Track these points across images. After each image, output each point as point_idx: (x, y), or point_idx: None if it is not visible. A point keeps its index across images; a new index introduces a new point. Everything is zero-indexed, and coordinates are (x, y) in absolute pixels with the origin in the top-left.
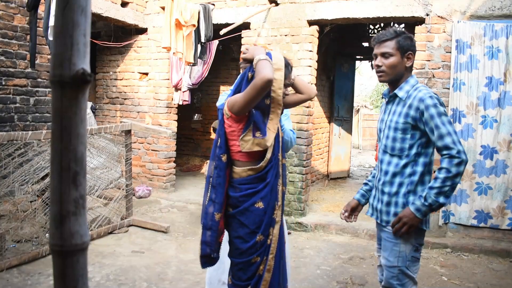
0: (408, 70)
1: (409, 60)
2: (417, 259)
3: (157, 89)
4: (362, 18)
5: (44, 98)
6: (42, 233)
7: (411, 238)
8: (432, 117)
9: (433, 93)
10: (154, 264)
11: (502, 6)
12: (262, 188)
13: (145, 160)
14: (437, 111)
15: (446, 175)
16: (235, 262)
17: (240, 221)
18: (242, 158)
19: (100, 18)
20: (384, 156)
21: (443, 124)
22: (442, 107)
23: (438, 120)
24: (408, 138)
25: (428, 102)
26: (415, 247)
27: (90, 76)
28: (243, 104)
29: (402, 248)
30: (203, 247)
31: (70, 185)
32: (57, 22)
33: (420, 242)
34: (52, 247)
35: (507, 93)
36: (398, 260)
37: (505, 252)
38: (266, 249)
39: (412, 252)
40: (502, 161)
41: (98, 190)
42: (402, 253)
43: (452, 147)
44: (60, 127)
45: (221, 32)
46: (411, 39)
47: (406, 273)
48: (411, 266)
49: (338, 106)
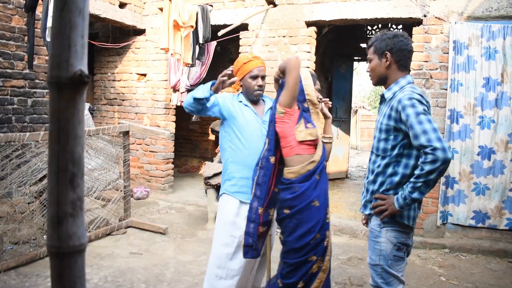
0: (394, 70)
1: (387, 60)
2: (400, 258)
3: (155, 90)
4: (359, 19)
5: (42, 99)
6: (40, 234)
7: (392, 234)
8: (408, 117)
9: (417, 93)
10: (152, 266)
11: (499, 7)
12: (315, 186)
13: (143, 161)
14: (414, 111)
15: (419, 172)
16: (290, 263)
17: (298, 220)
18: (301, 152)
19: (98, 19)
20: (372, 155)
21: (418, 123)
22: (421, 105)
23: (413, 119)
24: (391, 139)
25: (405, 103)
26: (397, 246)
27: (88, 78)
28: (289, 94)
29: (383, 246)
30: (247, 238)
31: (68, 187)
32: (54, 23)
33: (402, 241)
34: (49, 249)
35: (504, 93)
36: (380, 259)
37: (503, 252)
38: (322, 249)
39: (394, 251)
40: (499, 161)
41: (96, 191)
42: (383, 252)
43: (426, 145)
44: (58, 128)
45: (219, 33)
46: (390, 38)
47: (390, 272)
48: (394, 265)
49: (336, 107)
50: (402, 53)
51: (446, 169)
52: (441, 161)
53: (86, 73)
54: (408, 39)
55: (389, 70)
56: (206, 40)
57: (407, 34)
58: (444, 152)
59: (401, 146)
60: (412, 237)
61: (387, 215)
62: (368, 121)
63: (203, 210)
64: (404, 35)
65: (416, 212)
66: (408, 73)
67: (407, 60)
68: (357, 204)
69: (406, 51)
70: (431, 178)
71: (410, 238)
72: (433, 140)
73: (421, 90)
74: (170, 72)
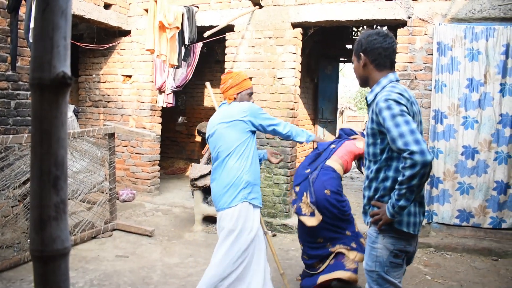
0: (372, 70)
1: (362, 61)
2: (397, 265)
3: (140, 92)
4: (345, 21)
5: (26, 101)
6: (24, 238)
7: (389, 241)
8: (384, 120)
9: (395, 93)
10: (138, 268)
11: (482, 9)
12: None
13: (129, 163)
14: (390, 113)
15: (401, 178)
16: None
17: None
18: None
19: (82, 20)
20: (366, 161)
21: (395, 126)
22: (398, 106)
23: (389, 122)
24: (379, 143)
25: (381, 105)
26: (394, 253)
27: (71, 79)
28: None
29: (379, 253)
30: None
31: (51, 190)
32: (37, 24)
33: (400, 248)
34: (32, 253)
35: (487, 94)
36: (376, 265)
37: (487, 251)
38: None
39: (391, 258)
40: (483, 161)
41: (81, 194)
42: (380, 258)
43: (403, 148)
44: (40, 130)
45: (205, 34)
46: (364, 38)
47: (386, 278)
48: (391, 271)
49: (322, 108)
50: (375, 51)
51: (428, 173)
52: (420, 164)
53: (69, 75)
54: (384, 36)
55: (366, 71)
56: (192, 41)
57: (388, 32)
58: (423, 155)
59: (389, 149)
60: (414, 243)
61: (382, 224)
62: (354, 122)
63: (189, 212)
64: (380, 32)
65: (418, 218)
66: (390, 72)
67: (383, 58)
68: None
69: (380, 49)
70: (413, 183)
71: (411, 245)
72: (410, 143)
73: (413, 93)
74: (156, 73)
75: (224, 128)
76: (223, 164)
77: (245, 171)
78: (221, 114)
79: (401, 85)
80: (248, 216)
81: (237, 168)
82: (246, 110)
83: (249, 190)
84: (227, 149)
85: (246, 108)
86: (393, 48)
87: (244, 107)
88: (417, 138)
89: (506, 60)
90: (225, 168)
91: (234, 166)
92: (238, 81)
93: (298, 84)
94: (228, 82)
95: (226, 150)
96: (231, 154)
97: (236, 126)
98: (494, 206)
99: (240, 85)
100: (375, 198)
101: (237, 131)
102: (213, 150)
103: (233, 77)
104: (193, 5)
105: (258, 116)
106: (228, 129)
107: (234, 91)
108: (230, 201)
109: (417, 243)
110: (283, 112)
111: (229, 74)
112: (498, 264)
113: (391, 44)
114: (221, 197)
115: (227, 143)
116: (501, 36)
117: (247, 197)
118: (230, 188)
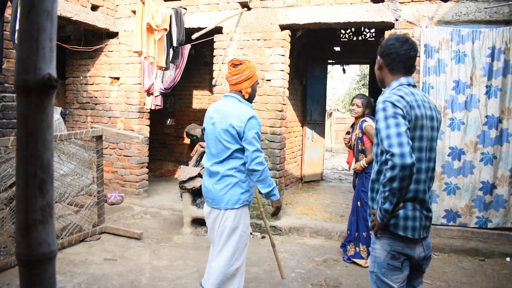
0: (386, 73)
1: (379, 64)
2: (395, 268)
3: (128, 94)
4: (333, 23)
5: (12, 104)
6: (10, 242)
7: (386, 242)
8: (378, 120)
9: (396, 95)
10: (127, 272)
11: (468, 12)
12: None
13: (117, 166)
14: (383, 115)
15: (383, 179)
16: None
17: None
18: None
19: (69, 21)
20: (373, 162)
21: (385, 128)
22: (393, 108)
23: (381, 123)
24: (380, 144)
25: (378, 106)
26: (391, 254)
27: (56, 81)
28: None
29: (377, 253)
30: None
31: (37, 193)
32: (22, 26)
33: (397, 249)
34: (18, 257)
35: (473, 96)
36: (375, 266)
37: (474, 251)
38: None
39: (388, 259)
40: (469, 161)
41: (69, 197)
42: (378, 259)
43: (387, 150)
44: (26, 133)
45: (193, 36)
46: (385, 42)
47: (384, 281)
48: (389, 274)
49: (310, 110)
50: (390, 56)
51: (408, 176)
52: (398, 167)
53: (54, 77)
54: (402, 42)
55: (382, 74)
56: (180, 43)
57: (409, 39)
58: (402, 158)
59: None
60: (419, 248)
61: (377, 229)
62: (343, 124)
63: (178, 214)
64: (399, 38)
65: (417, 222)
66: (403, 76)
67: (397, 64)
68: (332, 206)
69: (394, 55)
70: (394, 186)
71: (412, 249)
72: (393, 145)
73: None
74: (144, 75)
75: (231, 128)
76: (224, 162)
77: (245, 173)
78: (236, 111)
79: (408, 89)
80: (247, 214)
81: (239, 169)
82: (245, 122)
83: (250, 193)
84: (229, 149)
85: (249, 121)
86: (409, 55)
87: (245, 117)
88: (401, 141)
89: (491, 62)
90: (227, 167)
91: (236, 167)
92: (253, 72)
93: (287, 86)
94: (245, 74)
95: (228, 149)
96: (233, 154)
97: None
98: (480, 206)
99: (254, 76)
100: (375, 199)
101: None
102: (214, 142)
103: (249, 68)
104: (181, 7)
105: (251, 131)
106: (233, 131)
107: (249, 83)
108: (234, 203)
109: (426, 248)
110: (271, 114)
111: (244, 64)
112: (485, 264)
113: (407, 51)
114: (222, 196)
115: (231, 143)
116: (487, 38)
117: (248, 199)
118: (232, 188)
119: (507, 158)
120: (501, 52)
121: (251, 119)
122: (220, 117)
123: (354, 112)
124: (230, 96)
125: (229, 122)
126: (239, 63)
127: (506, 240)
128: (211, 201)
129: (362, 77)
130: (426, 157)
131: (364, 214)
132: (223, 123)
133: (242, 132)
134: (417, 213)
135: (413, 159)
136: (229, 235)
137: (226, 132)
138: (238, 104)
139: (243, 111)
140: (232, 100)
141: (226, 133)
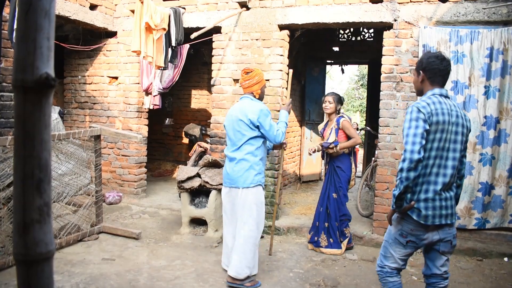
0: (427, 84)
1: (420, 77)
2: (399, 243)
3: (127, 94)
4: (331, 23)
5: (10, 103)
6: (8, 242)
7: (401, 221)
8: (405, 121)
9: (425, 102)
10: (125, 272)
11: (467, 12)
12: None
13: (115, 165)
14: (409, 117)
15: (398, 168)
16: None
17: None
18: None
19: (68, 21)
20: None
21: (407, 128)
22: (417, 113)
23: (405, 124)
24: None
25: (407, 110)
26: (400, 231)
27: (54, 81)
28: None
29: (392, 227)
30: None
31: (34, 193)
32: (19, 26)
33: (407, 230)
34: (15, 256)
35: (471, 96)
36: (387, 234)
37: (471, 251)
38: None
39: (396, 234)
40: (468, 162)
41: (67, 197)
42: (390, 230)
43: (404, 145)
44: (23, 133)
45: (192, 36)
46: (426, 59)
47: (388, 248)
48: (393, 245)
49: (309, 110)
50: (432, 71)
51: (413, 168)
52: (408, 160)
53: (52, 76)
54: (441, 60)
55: (422, 85)
56: (179, 43)
57: (445, 56)
58: (411, 153)
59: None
60: (428, 233)
61: (390, 216)
62: None
63: (176, 214)
64: (438, 56)
65: (429, 211)
66: (438, 87)
67: (437, 77)
68: None
69: (436, 70)
70: (402, 175)
71: (423, 232)
72: (408, 143)
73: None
74: (142, 75)
75: (247, 119)
76: (241, 147)
77: (260, 158)
78: (250, 106)
79: (438, 98)
80: (262, 194)
81: (252, 153)
82: (258, 113)
83: (262, 176)
84: (245, 135)
85: (261, 111)
86: (447, 70)
87: (257, 109)
88: (415, 140)
89: (490, 63)
90: (243, 152)
91: (250, 151)
92: (262, 78)
93: (285, 86)
94: (255, 79)
95: (244, 136)
96: (248, 141)
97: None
98: (479, 207)
99: (262, 81)
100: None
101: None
102: (233, 132)
103: (258, 74)
104: (180, 6)
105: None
106: (248, 121)
107: (258, 86)
108: (250, 182)
109: (443, 233)
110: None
111: (254, 72)
112: (483, 264)
113: (445, 67)
114: (239, 177)
115: (247, 131)
116: (485, 39)
117: (261, 181)
118: (248, 170)
119: (505, 158)
120: (500, 53)
121: (262, 110)
122: (239, 112)
123: (327, 108)
124: (244, 97)
125: (245, 114)
126: (250, 71)
127: (503, 240)
128: (229, 181)
129: (360, 77)
130: (449, 156)
131: (340, 205)
132: (242, 116)
133: (257, 121)
134: (436, 203)
135: (420, 155)
136: (251, 208)
137: (243, 122)
138: (251, 101)
139: (255, 105)
140: (247, 99)
141: (243, 123)
